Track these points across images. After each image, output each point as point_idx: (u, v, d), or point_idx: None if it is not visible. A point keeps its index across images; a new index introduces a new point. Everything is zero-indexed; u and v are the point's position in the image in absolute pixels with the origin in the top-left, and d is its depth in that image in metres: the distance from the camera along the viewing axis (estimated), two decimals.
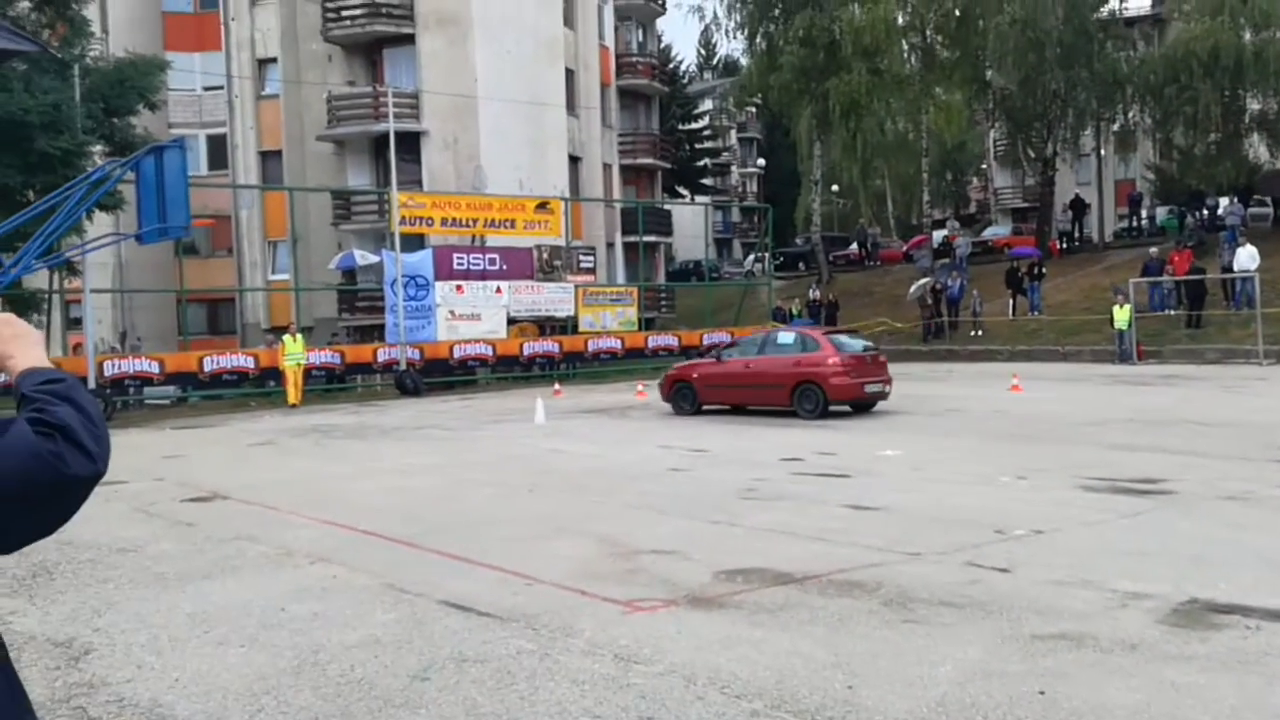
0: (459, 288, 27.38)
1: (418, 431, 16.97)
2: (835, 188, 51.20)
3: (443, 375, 26.35)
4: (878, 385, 17.00)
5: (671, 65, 60.86)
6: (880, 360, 17.64)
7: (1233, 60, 31.32)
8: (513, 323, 28.59)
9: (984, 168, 57.07)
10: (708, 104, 66.83)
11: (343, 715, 4.61)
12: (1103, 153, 41.78)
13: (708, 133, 65.50)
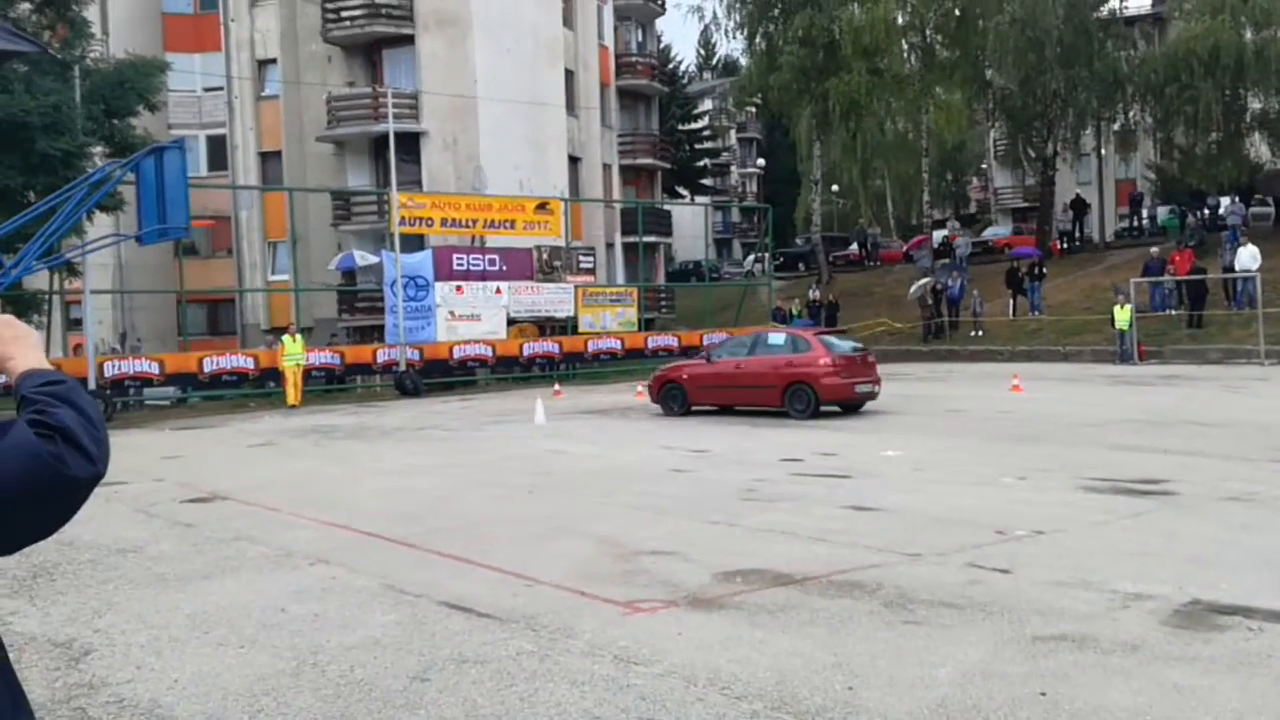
0: (459, 288, 27.37)
1: (418, 432, 16.97)
2: (835, 188, 51.21)
3: (442, 376, 26.34)
4: (867, 386, 17.12)
5: (671, 65, 60.91)
6: (870, 361, 17.74)
7: (1233, 59, 31.32)
8: (512, 323, 28.59)
9: (984, 167, 57.07)
10: (707, 104, 66.81)
11: (342, 716, 4.61)
12: (1103, 152, 41.78)
13: (707, 133, 65.48)
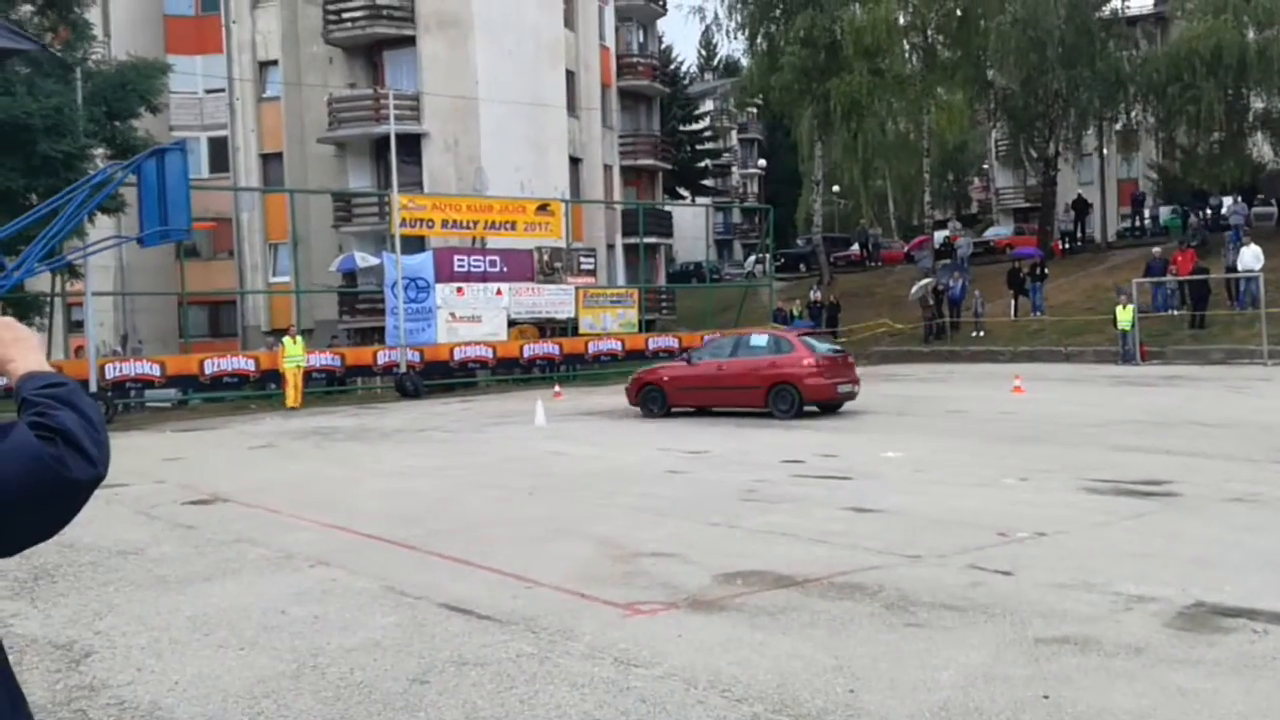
0: (459, 290, 27.35)
1: (418, 434, 16.97)
2: (836, 188, 51.21)
3: (443, 377, 26.34)
4: (848, 386, 17.46)
5: (672, 66, 60.88)
6: (849, 361, 18.18)
7: (1236, 59, 31.28)
8: (513, 325, 28.57)
9: (986, 168, 57.08)
10: (708, 105, 66.82)
11: (342, 718, 4.60)
12: (1105, 152, 41.76)
13: (708, 134, 65.50)
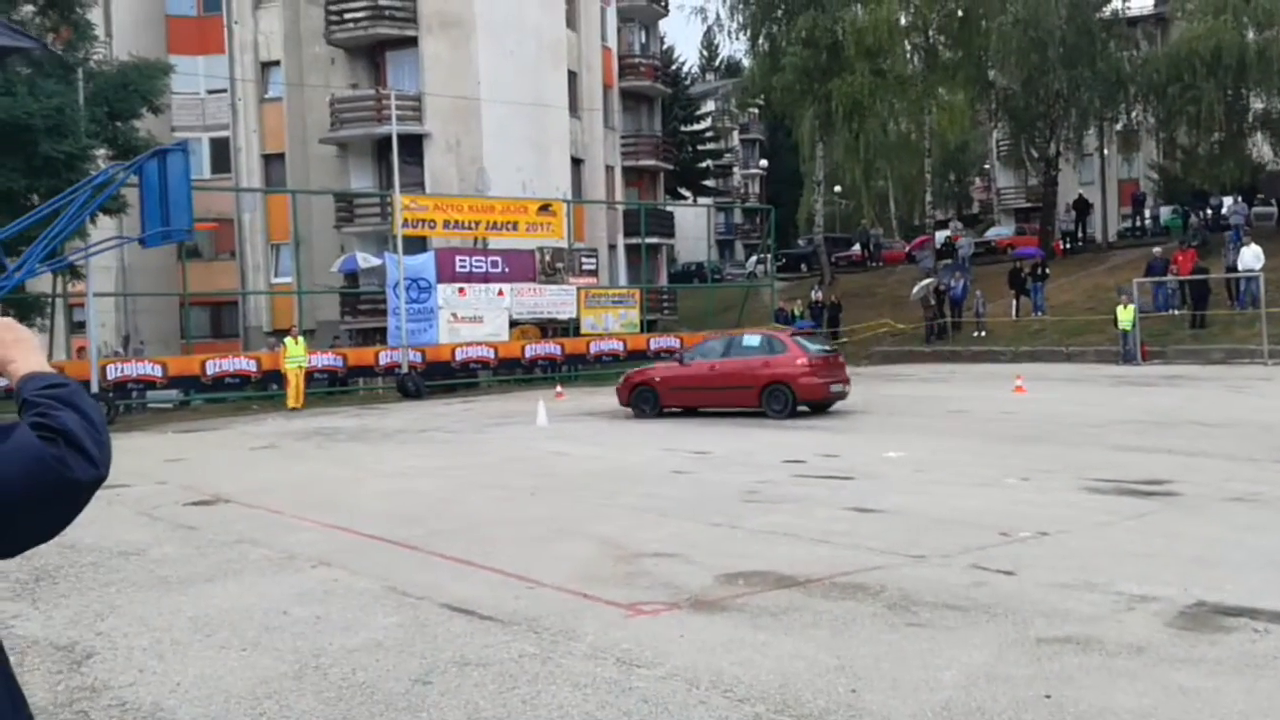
0: (461, 290, 27.37)
1: (420, 434, 16.97)
2: (838, 189, 51.17)
3: (444, 378, 26.34)
4: (840, 385, 17.67)
5: (674, 67, 60.93)
6: (840, 361, 18.39)
7: (1235, 59, 31.30)
8: (515, 325, 28.59)
9: (987, 168, 57.09)
10: (710, 105, 66.84)
11: (345, 719, 4.61)
12: (1106, 152, 41.76)
13: (710, 134, 65.50)
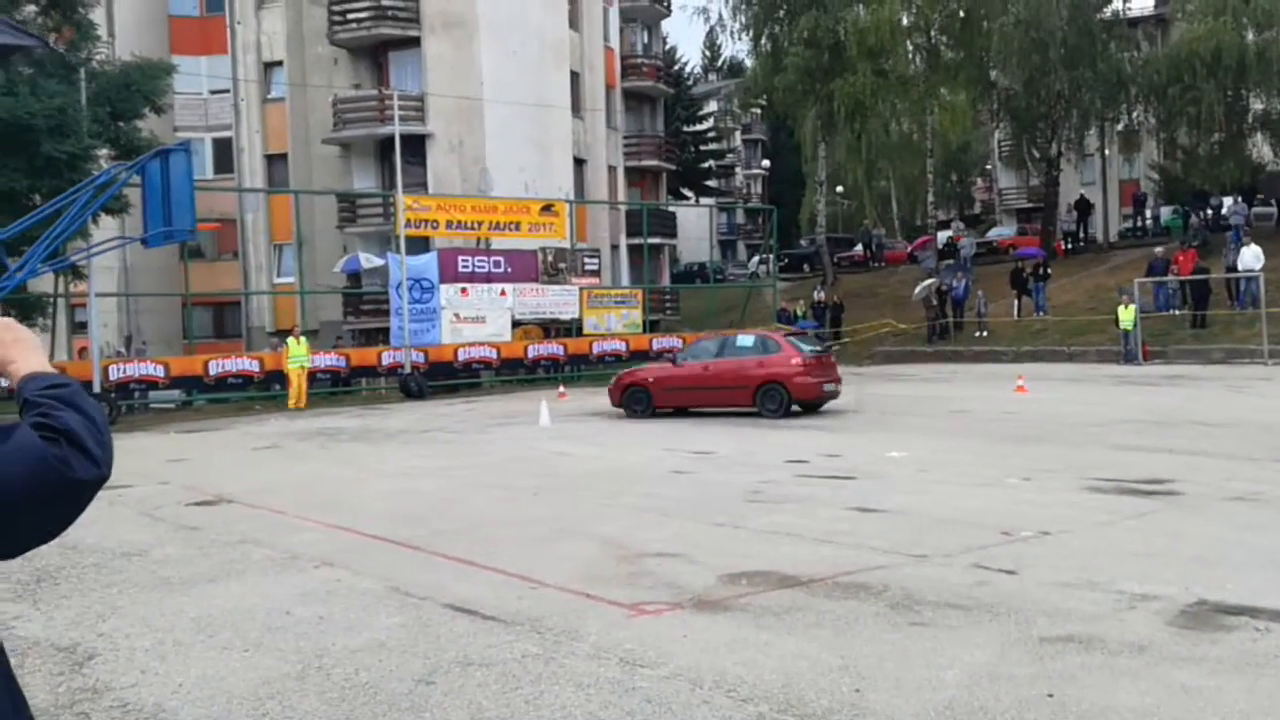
0: (464, 290, 27.38)
1: (422, 435, 16.98)
2: (840, 189, 51.20)
3: (447, 378, 26.35)
4: (832, 385, 17.81)
5: (676, 67, 60.96)
6: (832, 361, 18.58)
7: (1236, 60, 31.30)
8: (517, 325, 28.60)
9: (988, 168, 57.08)
10: (712, 106, 66.91)
11: (347, 719, 4.61)
12: (1107, 153, 41.74)
13: (712, 134, 65.52)
